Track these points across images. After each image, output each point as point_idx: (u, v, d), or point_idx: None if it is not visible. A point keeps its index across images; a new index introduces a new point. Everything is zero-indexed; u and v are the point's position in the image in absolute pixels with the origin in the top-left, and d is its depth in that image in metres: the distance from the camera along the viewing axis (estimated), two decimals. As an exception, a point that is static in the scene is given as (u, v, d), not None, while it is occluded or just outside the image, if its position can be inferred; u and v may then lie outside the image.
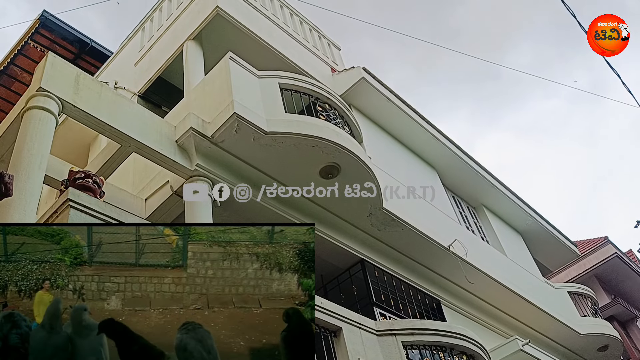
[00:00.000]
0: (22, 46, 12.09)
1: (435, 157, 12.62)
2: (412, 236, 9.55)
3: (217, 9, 9.87)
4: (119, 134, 6.89)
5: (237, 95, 7.69)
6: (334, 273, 9.26)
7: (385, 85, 11.69)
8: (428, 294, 10.03)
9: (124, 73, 11.35)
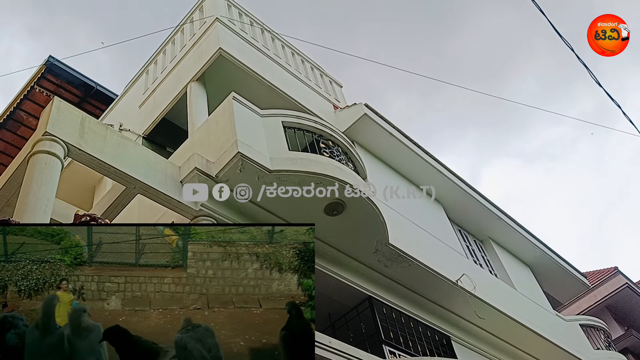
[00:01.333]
0: (28, 91, 12.28)
1: (440, 191, 12.59)
2: (419, 272, 9.47)
3: (220, 51, 10.04)
4: (124, 175, 6.93)
5: (241, 134, 7.75)
6: (342, 311, 9.16)
7: (387, 121, 11.78)
8: (437, 330, 9.89)
9: (128, 115, 11.48)
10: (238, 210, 7.71)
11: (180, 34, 12.09)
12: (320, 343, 5.55)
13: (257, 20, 12.49)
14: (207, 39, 10.62)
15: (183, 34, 11.96)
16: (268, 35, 12.51)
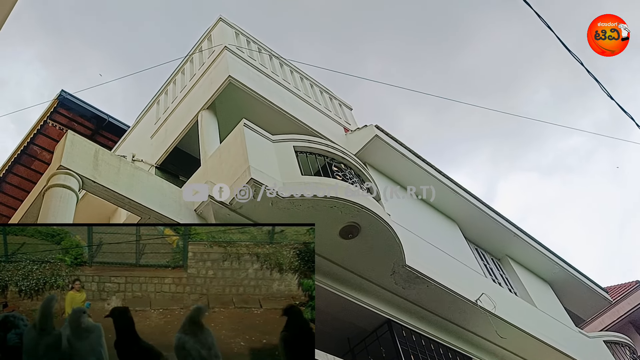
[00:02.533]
0: (41, 126, 12.43)
1: (455, 210, 12.54)
2: (438, 292, 9.36)
3: (229, 78, 10.13)
4: (139, 206, 6.96)
5: (253, 160, 7.77)
6: (361, 335, 9.05)
7: (399, 141, 11.76)
8: (459, 352, 9.73)
9: (140, 146, 11.57)
10: (253, 236, 7.68)
11: (189, 64, 12.23)
12: (341, 369, 5.48)
13: (265, 47, 12.62)
14: (217, 67, 10.73)
15: (192, 64, 12.10)
16: (276, 61, 12.62)
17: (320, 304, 8.46)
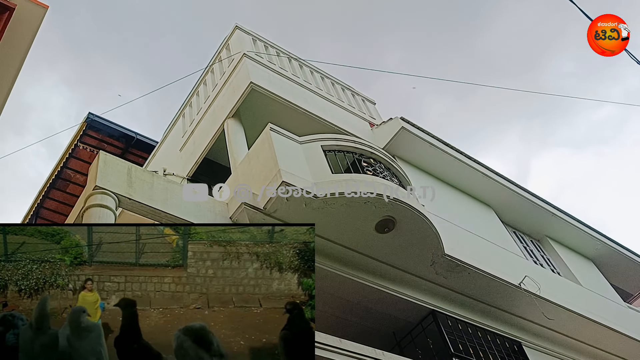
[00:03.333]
0: (72, 149, 12.69)
1: (489, 195, 12.40)
2: (480, 279, 9.26)
3: (251, 85, 10.18)
4: (175, 219, 7.02)
5: (283, 163, 7.79)
6: (406, 328, 9.01)
7: (425, 131, 11.68)
8: (507, 337, 9.61)
9: (170, 160, 11.71)
10: (290, 239, 7.70)
11: (210, 74, 12.33)
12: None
13: (283, 50, 12.65)
14: (237, 75, 10.80)
15: (213, 74, 12.19)
16: (296, 63, 12.64)
17: (362, 300, 8.46)
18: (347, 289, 8.24)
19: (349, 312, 8.61)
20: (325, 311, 8.46)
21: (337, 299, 8.35)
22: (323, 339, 4.96)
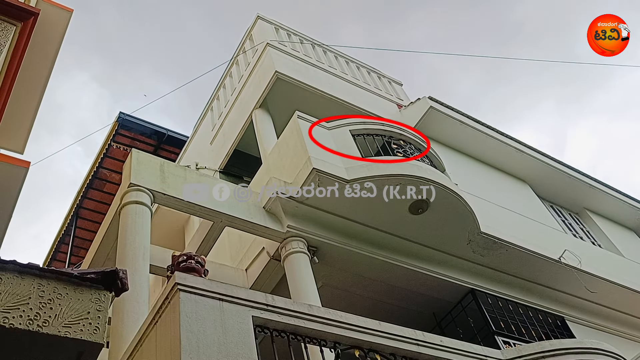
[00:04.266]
0: (106, 149, 12.93)
1: (523, 170, 12.19)
2: (518, 255, 9.15)
3: (277, 74, 10.18)
4: (209, 211, 7.12)
5: (312, 150, 7.80)
6: (446, 308, 8.97)
7: (455, 109, 11.54)
8: (549, 312, 9.48)
9: (202, 153, 11.83)
10: (322, 224, 7.73)
11: (236, 66, 12.37)
12: (431, 343, 5.42)
13: (306, 37, 12.60)
14: (262, 65, 10.81)
15: (238, 66, 12.23)
16: (319, 49, 12.58)
17: (400, 282, 8.44)
18: (384, 272, 8.23)
19: (387, 295, 8.60)
20: (362, 295, 8.48)
21: (374, 283, 8.36)
22: (362, 322, 4.96)
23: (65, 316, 2.39)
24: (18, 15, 5.06)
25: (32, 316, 2.33)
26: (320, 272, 7.57)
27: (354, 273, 8.13)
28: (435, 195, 7.98)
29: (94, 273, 2.57)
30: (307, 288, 6.82)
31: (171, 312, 4.06)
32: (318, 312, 4.76)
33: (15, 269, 2.44)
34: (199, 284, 4.28)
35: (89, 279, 2.55)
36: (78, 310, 2.43)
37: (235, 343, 4.00)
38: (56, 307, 2.40)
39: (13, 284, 2.39)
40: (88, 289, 2.50)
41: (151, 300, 5.74)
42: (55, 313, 2.38)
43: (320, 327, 4.62)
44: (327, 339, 4.64)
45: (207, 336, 3.90)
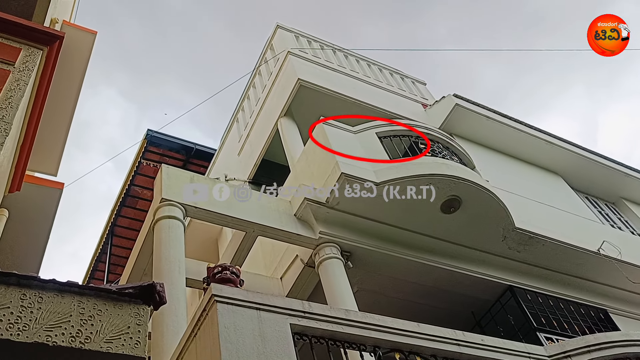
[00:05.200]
0: (137, 167, 13.12)
1: (554, 162, 11.97)
2: (555, 249, 8.97)
3: (300, 81, 10.19)
4: (241, 222, 7.15)
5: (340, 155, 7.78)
6: (485, 307, 8.83)
7: (481, 105, 11.41)
8: (592, 306, 9.26)
9: (230, 165, 11.91)
10: (354, 228, 7.69)
11: (258, 77, 12.44)
12: (473, 343, 5.33)
13: (326, 43, 12.60)
14: (285, 73, 10.85)
15: (261, 76, 12.30)
16: (340, 54, 12.57)
17: (436, 283, 8.34)
18: (419, 273, 8.15)
19: (424, 296, 8.51)
20: (399, 297, 8.41)
21: (410, 285, 8.28)
22: (400, 325, 4.91)
23: (106, 332, 2.41)
24: (43, 40, 5.16)
25: (74, 333, 2.35)
26: (355, 276, 7.53)
27: (389, 276, 8.07)
28: (467, 193, 7.90)
29: (131, 288, 2.59)
30: (343, 293, 6.79)
31: (209, 323, 4.08)
32: (355, 317, 4.73)
33: (55, 288, 2.47)
34: (235, 294, 4.29)
35: (127, 294, 2.56)
36: (118, 325, 2.45)
37: (275, 352, 4.00)
38: (97, 323, 2.43)
39: (54, 302, 2.42)
40: (127, 304, 2.52)
41: (189, 313, 5.78)
42: (96, 329, 2.40)
43: (359, 331, 4.60)
44: (366, 343, 4.61)
45: (247, 346, 3.91)
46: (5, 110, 4.18)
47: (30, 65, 4.85)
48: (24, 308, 2.36)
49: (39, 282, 2.46)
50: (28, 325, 2.32)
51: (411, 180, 7.64)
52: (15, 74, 4.65)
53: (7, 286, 2.41)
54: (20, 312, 2.35)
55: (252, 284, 7.37)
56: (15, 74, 4.64)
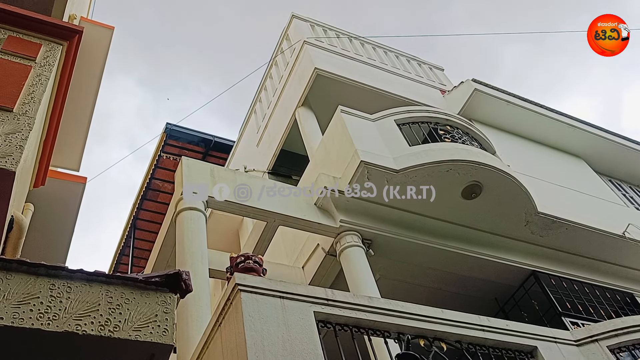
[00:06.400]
0: (157, 160, 13.22)
1: (577, 145, 11.82)
2: (579, 233, 8.87)
3: (317, 70, 10.18)
4: (262, 212, 7.18)
5: (359, 143, 7.76)
6: (508, 292, 8.78)
7: (500, 89, 11.30)
8: (618, 290, 9.14)
9: (249, 156, 11.96)
10: (375, 216, 7.68)
11: (275, 67, 12.44)
12: (498, 328, 5.30)
13: (342, 31, 12.55)
14: (301, 63, 10.83)
15: (277, 66, 12.30)
16: (357, 42, 12.51)
17: (458, 269, 8.31)
18: (441, 260, 8.12)
19: (446, 282, 8.49)
20: (421, 284, 8.39)
21: (432, 271, 8.26)
22: (424, 311, 4.90)
23: (134, 320, 2.44)
24: (63, 35, 5.20)
25: (102, 322, 2.39)
26: (377, 264, 7.52)
27: (411, 263, 8.05)
28: (488, 178, 7.84)
29: (158, 276, 2.61)
30: (365, 281, 6.79)
31: (234, 312, 4.11)
32: (379, 304, 4.74)
33: (83, 277, 2.51)
34: (259, 283, 4.32)
35: (154, 283, 2.59)
36: (146, 313, 2.48)
37: (300, 339, 4.02)
38: (125, 311, 2.46)
39: (82, 291, 2.45)
40: (154, 292, 2.55)
41: (213, 303, 5.83)
42: (124, 317, 2.43)
43: (383, 318, 4.60)
44: (390, 330, 4.61)
45: (271, 334, 3.93)
46: (28, 105, 4.23)
47: (51, 60, 4.89)
48: (53, 298, 2.40)
49: (67, 272, 2.50)
50: (58, 314, 2.36)
51: (431, 166, 7.59)
52: (37, 69, 4.70)
53: (36, 277, 2.45)
54: (50, 302, 2.39)
55: (274, 274, 7.40)
56: (37, 69, 4.69)
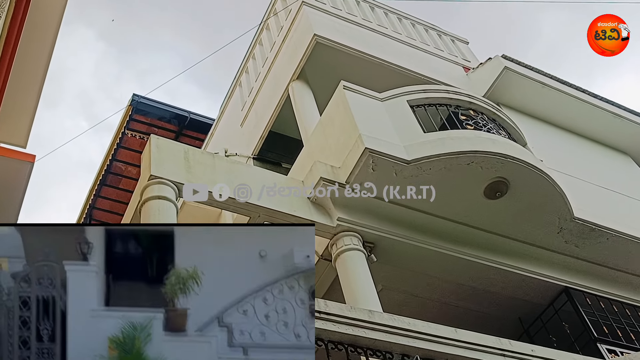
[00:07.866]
0: (120, 139, 13.17)
1: (623, 139, 11.87)
2: (622, 245, 8.93)
3: (316, 37, 10.15)
4: (244, 205, 7.16)
5: (364, 127, 7.75)
6: (535, 311, 8.85)
7: (535, 69, 11.31)
8: (664, 314, 9.23)
9: (231, 138, 11.94)
10: (380, 215, 7.69)
11: (266, 32, 12.40)
12: (521, 354, 5.35)
13: (348, -8, 12.51)
14: (298, 28, 10.81)
15: (269, 31, 12.26)
16: (365, 5, 12.48)
17: (477, 282, 8.36)
18: (459, 270, 8.16)
19: (462, 297, 8.54)
20: (431, 298, 8.44)
21: (447, 283, 8.31)
22: (434, 330, 4.93)
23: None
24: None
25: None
26: (380, 272, 7.54)
27: (420, 272, 8.09)
28: (516, 174, 7.86)
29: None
30: (365, 292, 6.81)
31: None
32: (381, 319, 4.77)
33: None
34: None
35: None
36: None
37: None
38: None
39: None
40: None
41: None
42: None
43: (385, 336, 4.63)
44: (394, 350, 4.65)
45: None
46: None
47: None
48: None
49: None
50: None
51: (449, 157, 7.60)
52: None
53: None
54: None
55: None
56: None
